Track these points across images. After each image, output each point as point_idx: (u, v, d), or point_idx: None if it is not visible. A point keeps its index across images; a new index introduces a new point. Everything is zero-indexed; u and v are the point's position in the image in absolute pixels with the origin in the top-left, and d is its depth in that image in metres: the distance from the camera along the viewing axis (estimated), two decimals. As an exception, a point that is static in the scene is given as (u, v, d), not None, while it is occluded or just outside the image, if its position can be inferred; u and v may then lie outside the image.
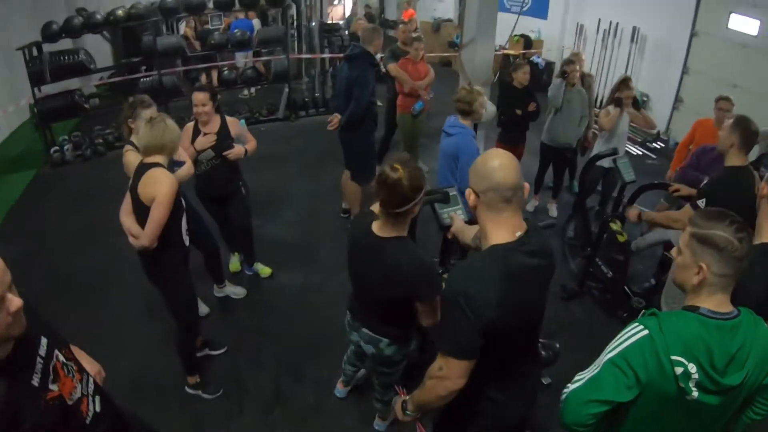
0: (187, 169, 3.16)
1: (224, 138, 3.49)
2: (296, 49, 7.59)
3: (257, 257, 4.21)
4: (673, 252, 1.66)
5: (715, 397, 1.48)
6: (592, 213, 4.87)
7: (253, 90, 8.00)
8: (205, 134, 3.45)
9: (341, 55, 7.22)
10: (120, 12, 6.18)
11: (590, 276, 4.33)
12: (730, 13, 6.63)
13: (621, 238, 4.24)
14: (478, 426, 1.87)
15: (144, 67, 6.57)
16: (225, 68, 6.90)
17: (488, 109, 5.12)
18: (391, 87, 5.43)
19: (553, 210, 5.51)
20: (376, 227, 2.14)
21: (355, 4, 13.22)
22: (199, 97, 3.37)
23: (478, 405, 1.81)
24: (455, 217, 2.59)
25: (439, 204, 2.74)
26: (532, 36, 9.74)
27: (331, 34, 7.97)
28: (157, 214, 2.47)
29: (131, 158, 2.92)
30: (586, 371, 1.60)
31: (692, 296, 1.56)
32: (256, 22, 8.04)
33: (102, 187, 5.25)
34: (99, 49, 6.54)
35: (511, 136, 5.11)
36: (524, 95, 4.96)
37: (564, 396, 1.62)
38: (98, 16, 6.18)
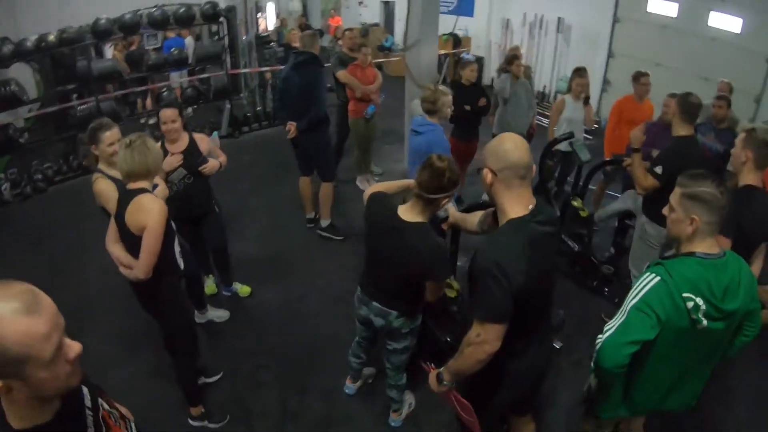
0: (162, 191, 3.04)
1: (195, 155, 3.38)
2: (229, 65, 7.42)
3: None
4: (665, 211, 1.99)
5: (719, 323, 1.83)
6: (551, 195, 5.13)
7: (190, 110, 7.74)
8: (172, 154, 3.33)
9: (281, 66, 7.26)
10: (51, 37, 5.76)
11: (557, 252, 4.57)
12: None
13: (583, 213, 4.52)
14: (507, 386, 2.03)
15: (75, 95, 6.19)
16: (164, 89, 6.64)
17: None
18: (342, 93, 5.45)
19: None
20: (402, 211, 2.31)
21: (278, 16, 13.13)
22: (168, 113, 3.25)
23: (506, 367, 1.95)
24: (450, 208, 2.68)
25: None
26: (460, 34, 10.05)
27: (264, 46, 7.91)
28: (151, 245, 2.37)
29: (103, 186, 2.78)
30: (612, 321, 1.88)
31: (687, 244, 1.90)
32: (188, 40, 7.79)
33: (53, 223, 4.94)
34: (21, 79, 6.07)
35: (463, 133, 5.27)
36: (473, 92, 5.13)
37: (599, 345, 1.87)
38: (28, 43, 5.75)
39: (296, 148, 4.68)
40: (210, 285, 4.07)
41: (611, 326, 1.87)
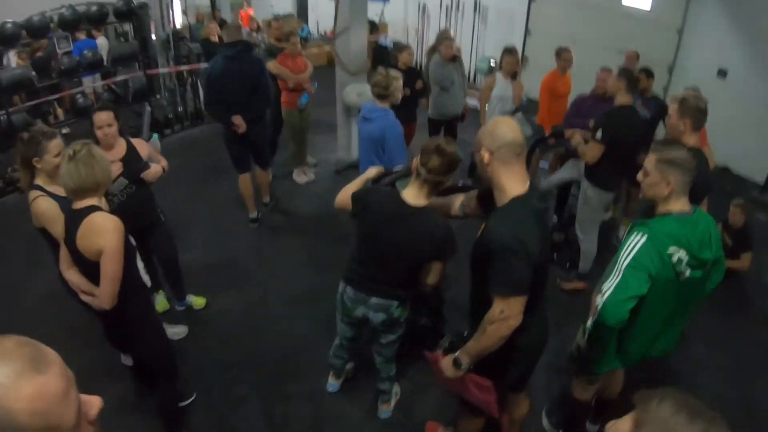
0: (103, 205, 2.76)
1: (135, 161, 3.09)
2: (140, 65, 6.89)
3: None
4: (639, 176, 2.16)
5: (698, 271, 2.08)
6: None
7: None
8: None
9: (201, 64, 6.92)
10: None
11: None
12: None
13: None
14: (517, 361, 2.11)
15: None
16: (79, 95, 6.01)
17: (367, 93, 5.25)
18: (275, 85, 5.23)
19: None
20: (409, 197, 2.28)
21: (184, 12, 12.41)
22: (103, 117, 2.92)
23: (516, 341, 1.98)
24: None
25: (401, 183, 2.81)
26: (377, 20, 9.92)
27: (180, 43, 7.47)
28: (112, 270, 2.12)
29: (45, 206, 2.46)
30: (608, 282, 2.04)
31: (663, 204, 2.10)
32: (101, 41, 7.13)
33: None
34: None
35: (402, 116, 5.22)
36: (410, 75, 5.11)
37: (600, 306, 2.02)
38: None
39: (237, 144, 4.48)
40: (161, 301, 3.77)
41: (609, 287, 2.02)
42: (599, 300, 2.05)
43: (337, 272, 4.28)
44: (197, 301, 3.84)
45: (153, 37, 6.95)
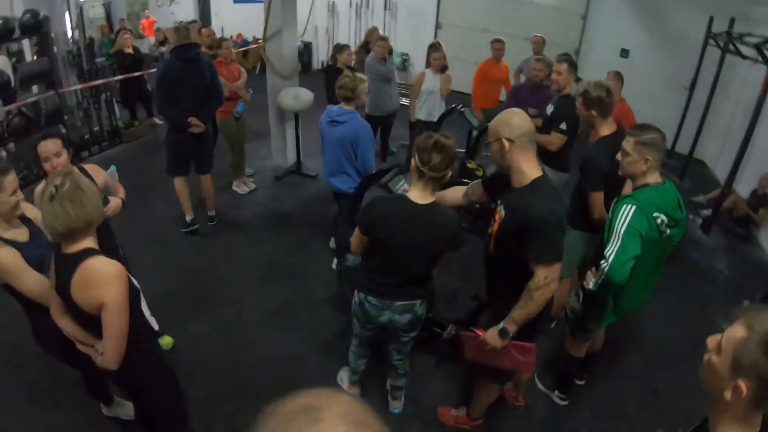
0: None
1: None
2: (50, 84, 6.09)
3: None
4: (619, 156, 2.51)
5: (674, 229, 2.47)
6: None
7: (11, 144, 6.10)
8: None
9: (117, 77, 6.49)
10: None
11: (458, 212, 4.86)
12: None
13: (479, 173, 4.84)
14: (543, 317, 2.33)
15: None
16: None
17: (303, 97, 5.17)
18: None
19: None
20: (416, 197, 2.29)
21: (77, 27, 11.26)
22: (49, 146, 2.50)
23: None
24: (406, 186, 2.76)
25: (393, 182, 2.84)
26: None
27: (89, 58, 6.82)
28: (116, 327, 1.83)
29: (4, 258, 2.04)
30: (609, 248, 2.36)
31: (641, 178, 2.46)
32: (2, 60, 6.19)
33: None
34: None
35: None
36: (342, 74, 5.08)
37: (606, 269, 2.34)
38: None
39: (181, 148, 4.34)
40: (165, 338, 3.43)
41: (611, 252, 2.34)
42: (604, 264, 2.35)
43: (304, 279, 4.31)
44: (164, 341, 3.45)
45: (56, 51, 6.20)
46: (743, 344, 1.11)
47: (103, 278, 1.79)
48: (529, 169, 2.13)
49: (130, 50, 6.75)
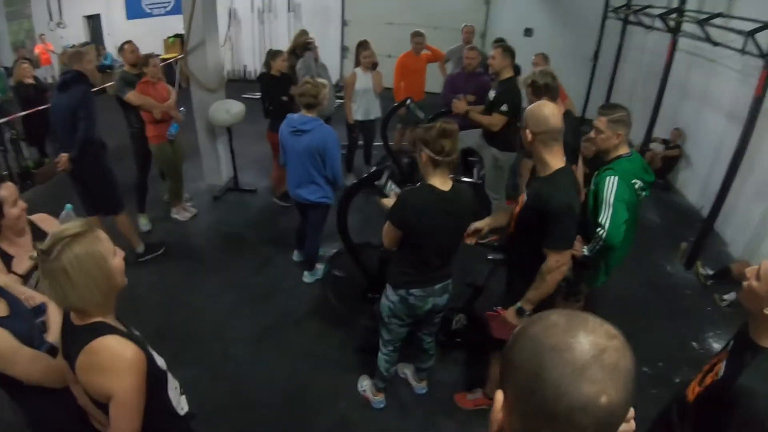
0: (55, 314, 1.97)
1: None
2: None
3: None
4: (592, 134, 2.79)
5: (647, 191, 2.78)
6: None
7: None
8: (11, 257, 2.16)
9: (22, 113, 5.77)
10: None
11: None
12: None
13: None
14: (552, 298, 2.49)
15: None
16: None
17: (235, 109, 4.94)
18: (135, 119, 4.50)
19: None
20: (440, 185, 2.35)
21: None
22: (5, 193, 2.08)
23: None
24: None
25: (387, 186, 2.91)
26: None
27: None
28: (125, 423, 1.47)
29: None
30: (602, 216, 2.57)
31: (614, 151, 2.74)
32: None
33: None
34: None
35: (279, 124, 5.03)
36: (284, 81, 4.93)
37: (603, 234, 2.54)
38: None
39: (77, 185, 3.92)
40: None
41: (605, 219, 2.56)
42: (601, 231, 2.57)
43: (280, 298, 4.14)
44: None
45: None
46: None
47: (113, 365, 1.43)
48: (551, 160, 2.26)
49: (30, 80, 6.02)
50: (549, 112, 2.23)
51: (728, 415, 1.40)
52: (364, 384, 3.19)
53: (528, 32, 8.02)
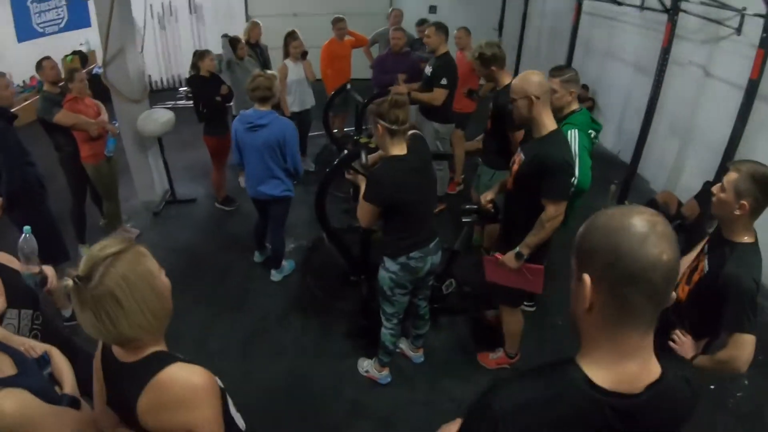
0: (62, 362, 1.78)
1: (16, 278, 2.07)
2: None
3: None
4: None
5: (597, 138, 3.19)
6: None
7: None
8: None
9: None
10: None
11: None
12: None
13: (372, 145, 4.98)
14: (546, 246, 2.71)
15: None
16: None
17: (165, 117, 4.69)
18: (64, 141, 4.08)
19: (309, 163, 6.01)
20: (399, 151, 2.49)
21: None
22: None
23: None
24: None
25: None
26: (84, 49, 8.36)
27: None
28: None
29: (13, 407, 1.35)
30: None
31: (568, 108, 3.04)
32: None
33: None
34: None
35: (218, 127, 4.88)
36: (214, 81, 4.74)
37: (575, 181, 2.63)
38: None
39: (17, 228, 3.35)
40: None
41: (575, 168, 2.66)
42: (573, 179, 2.71)
43: (253, 301, 4.04)
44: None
45: None
46: (738, 179, 1.84)
47: (189, 397, 1.26)
48: (548, 121, 2.48)
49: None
50: (539, 76, 2.46)
51: (722, 297, 1.84)
52: (365, 365, 3.22)
53: (432, 9, 8.27)
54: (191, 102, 4.90)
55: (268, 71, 3.51)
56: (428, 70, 4.49)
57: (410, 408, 3.02)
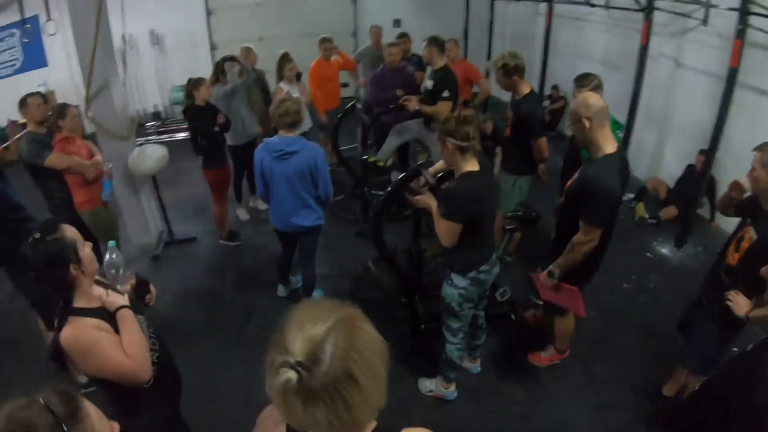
0: None
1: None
2: None
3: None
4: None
5: (619, 138, 3.24)
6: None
7: None
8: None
9: None
10: None
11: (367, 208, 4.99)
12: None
13: (380, 164, 4.98)
14: (588, 269, 2.78)
15: None
16: None
17: (158, 153, 4.47)
18: (56, 187, 3.74)
19: None
20: (473, 167, 2.48)
21: None
22: (71, 233, 1.84)
23: (597, 258, 2.74)
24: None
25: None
26: (43, 90, 7.73)
27: None
28: None
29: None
30: None
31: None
32: None
33: None
34: None
35: (216, 158, 4.69)
36: (211, 111, 4.55)
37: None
38: None
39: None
40: None
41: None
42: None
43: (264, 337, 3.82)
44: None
45: None
46: (764, 155, 2.16)
47: None
48: (605, 144, 2.48)
49: None
50: (594, 98, 2.50)
51: None
52: (427, 384, 3.18)
53: (397, 23, 8.37)
54: (164, 136, 4.68)
55: (294, 95, 3.41)
56: (429, 83, 4.54)
57: (481, 418, 3.02)
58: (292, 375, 0.88)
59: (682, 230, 4.79)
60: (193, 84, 4.42)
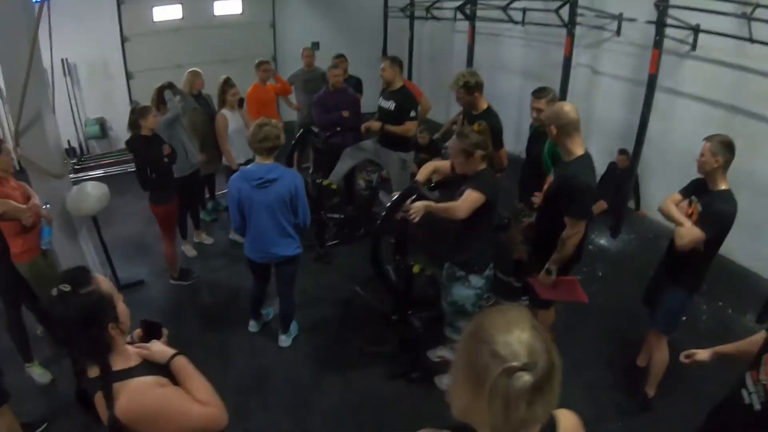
0: None
1: None
2: None
3: None
4: (534, 114, 3.58)
5: None
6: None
7: None
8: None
9: None
10: None
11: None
12: (152, 7, 7.48)
13: (333, 187, 5.01)
14: (574, 259, 3.02)
15: None
16: None
17: (99, 191, 4.17)
18: None
19: None
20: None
21: None
22: (107, 286, 1.66)
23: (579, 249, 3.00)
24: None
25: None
26: None
27: None
28: None
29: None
30: None
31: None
32: None
33: None
34: None
35: (165, 192, 4.39)
36: (158, 141, 4.29)
37: None
38: None
39: None
40: None
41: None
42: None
43: (275, 375, 3.84)
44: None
45: None
46: (712, 145, 2.59)
47: None
48: (575, 148, 2.78)
49: None
50: (568, 108, 2.75)
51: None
52: (445, 381, 3.24)
53: (315, 46, 8.41)
54: (81, 174, 4.23)
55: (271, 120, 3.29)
56: (390, 104, 4.65)
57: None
58: (527, 377, 0.95)
59: (615, 221, 5.26)
60: (139, 112, 4.12)
